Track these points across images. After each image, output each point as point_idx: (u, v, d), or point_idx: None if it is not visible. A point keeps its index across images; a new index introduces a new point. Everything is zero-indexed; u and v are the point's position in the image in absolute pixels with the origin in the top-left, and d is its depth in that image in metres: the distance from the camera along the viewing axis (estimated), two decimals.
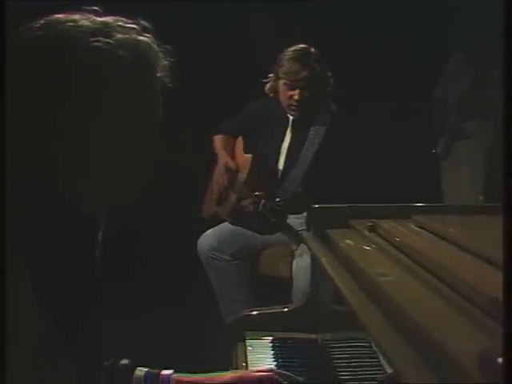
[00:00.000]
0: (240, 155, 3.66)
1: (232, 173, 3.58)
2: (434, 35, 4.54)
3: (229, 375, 1.40)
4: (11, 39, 1.12)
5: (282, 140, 3.56)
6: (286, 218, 3.36)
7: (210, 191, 3.73)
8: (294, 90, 3.43)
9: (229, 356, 1.68)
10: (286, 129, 3.56)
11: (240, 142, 3.72)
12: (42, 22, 1.12)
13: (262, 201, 3.29)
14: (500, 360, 0.66)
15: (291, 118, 3.54)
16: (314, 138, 3.44)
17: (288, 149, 3.53)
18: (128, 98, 1.12)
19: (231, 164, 3.59)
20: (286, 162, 3.52)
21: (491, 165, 4.49)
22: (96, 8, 1.15)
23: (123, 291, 3.38)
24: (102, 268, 1.22)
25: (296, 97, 3.42)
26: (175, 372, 1.39)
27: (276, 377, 1.38)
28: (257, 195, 3.31)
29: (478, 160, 4.51)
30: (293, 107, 3.47)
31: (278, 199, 3.31)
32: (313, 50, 3.48)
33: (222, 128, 3.77)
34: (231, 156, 3.67)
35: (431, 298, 1.11)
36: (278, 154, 3.54)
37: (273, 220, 3.26)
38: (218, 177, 3.61)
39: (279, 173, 3.50)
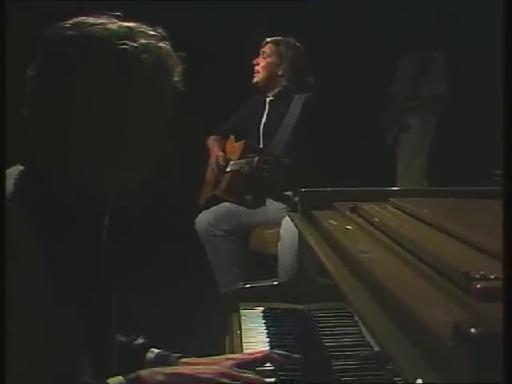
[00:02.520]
0: (231, 146, 3.68)
1: (223, 164, 3.60)
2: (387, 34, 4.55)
3: (228, 362, 1.29)
4: (43, 36, 1.11)
5: (262, 118, 3.64)
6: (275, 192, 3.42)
7: (205, 181, 3.73)
8: (258, 57, 3.64)
9: (224, 324, 1.67)
10: (263, 110, 3.66)
11: (232, 138, 3.73)
12: (72, 22, 1.11)
13: (256, 158, 3.32)
14: (473, 330, 0.64)
15: (268, 99, 3.65)
16: (293, 112, 3.51)
17: (265, 124, 3.61)
18: (144, 96, 1.12)
19: (221, 159, 3.62)
20: (265, 134, 3.59)
21: (433, 153, 4.57)
22: (119, 13, 1.14)
23: (128, 264, 3.36)
24: (107, 246, 1.20)
25: (257, 61, 3.61)
26: (182, 357, 1.36)
27: (272, 356, 1.33)
28: (250, 157, 3.37)
29: (418, 149, 4.57)
30: (255, 72, 3.62)
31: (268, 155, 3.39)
32: (291, 40, 3.63)
33: (217, 130, 3.80)
34: (223, 151, 3.68)
35: (407, 273, 1.09)
36: (259, 130, 3.62)
37: (267, 174, 3.28)
38: (211, 169, 3.65)
39: (264, 142, 3.58)
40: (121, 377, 1.14)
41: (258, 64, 3.63)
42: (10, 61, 1.08)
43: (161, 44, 1.14)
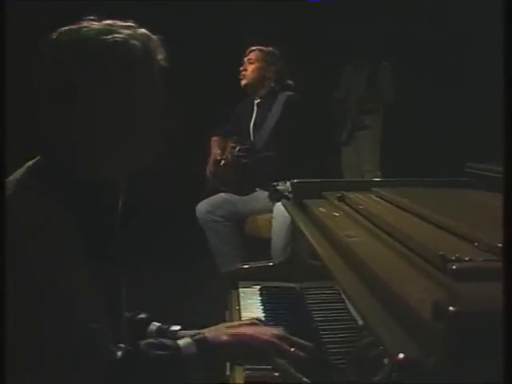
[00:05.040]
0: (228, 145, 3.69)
1: (219, 160, 3.63)
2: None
3: (242, 329, 1.20)
4: (43, 41, 1.10)
5: (251, 119, 3.69)
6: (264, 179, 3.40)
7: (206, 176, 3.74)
8: (244, 63, 3.67)
9: (225, 301, 1.66)
10: (252, 111, 3.70)
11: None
12: (62, 30, 1.11)
13: (238, 147, 3.44)
14: (451, 308, 0.63)
15: (256, 101, 3.70)
16: (276, 109, 3.57)
17: (254, 123, 3.67)
18: (141, 79, 1.11)
19: (218, 156, 3.64)
20: (254, 132, 3.65)
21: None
22: (92, 17, 1.13)
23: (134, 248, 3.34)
24: (120, 230, 1.18)
25: (244, 67, 3.65)
26: (182, 329, 1.34)
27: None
28: (233, 146, 3.48)
29: (374, 145, 4.62)
30: (241, 76, 3.66)
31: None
32: (271, 47, 3.70)
33: (218, 131, 3.80)
34: (220, 150, 3.70)
35: (390, 255, 1.08)
36: (249, 129, 3.67)
37: (247, 161, 3.38)
38: (209, 166, 3.68)
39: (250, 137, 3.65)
40: (189, 338, 1.11)
41: (245, 70, 3.66)
42: (10, 61, 1.07)
43: (140, 31, 1.14)
